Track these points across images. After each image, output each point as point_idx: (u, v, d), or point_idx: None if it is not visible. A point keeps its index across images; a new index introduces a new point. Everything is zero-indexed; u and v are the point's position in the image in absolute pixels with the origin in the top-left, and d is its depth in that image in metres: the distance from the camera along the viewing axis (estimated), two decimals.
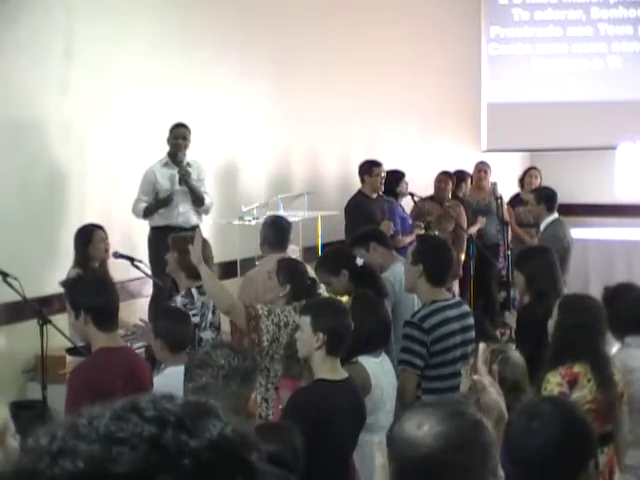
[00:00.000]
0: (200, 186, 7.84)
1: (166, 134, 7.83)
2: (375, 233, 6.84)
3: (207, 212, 7.98)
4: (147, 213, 7.68)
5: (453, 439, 1.94)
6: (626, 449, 4.53)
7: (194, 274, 5.61)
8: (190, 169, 7.76)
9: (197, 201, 7.79)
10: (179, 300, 5.80)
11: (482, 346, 2.76)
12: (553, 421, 2.55)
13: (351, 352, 4.56)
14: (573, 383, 4.34)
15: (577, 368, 4.36)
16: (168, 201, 7.66)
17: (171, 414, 1.11)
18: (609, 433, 4.35)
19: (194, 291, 5.82)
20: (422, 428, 1.94)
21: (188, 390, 2.94)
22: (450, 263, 5.37)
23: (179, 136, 7.72)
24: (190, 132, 7.79)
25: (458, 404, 2.13)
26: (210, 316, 5.85)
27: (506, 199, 10.76)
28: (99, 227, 6.89)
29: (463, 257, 9.87)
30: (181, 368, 4.71)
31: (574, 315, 4.51)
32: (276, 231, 6.58)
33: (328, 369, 4.13)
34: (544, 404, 2.66)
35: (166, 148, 7.78)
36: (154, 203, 7.66)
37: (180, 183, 7.68)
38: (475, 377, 2.68)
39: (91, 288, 4.47)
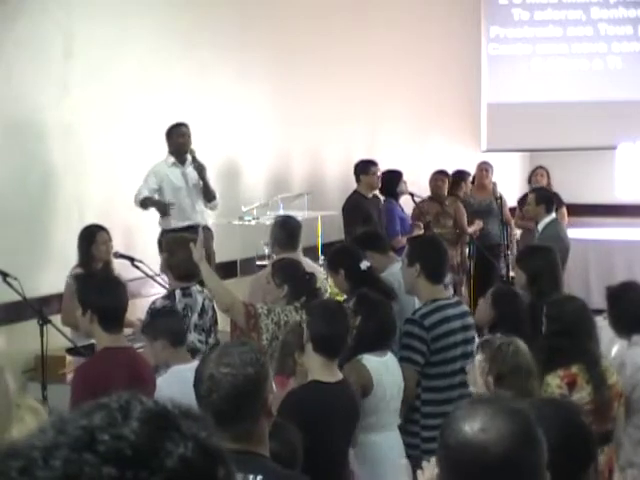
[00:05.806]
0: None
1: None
2: (367, 240, 6.56)
3: (215, 207, 7.97)
4: (143, 205, 7.60)
5: (522, 437, 1.94)
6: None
7: (182, 275, 5.59)
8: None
9: (209, 195, 7.80)
10: (158, 302, 5.65)
11: (478, 358, 2.77)
12: (554, 426, 2.50)
13: (353, 351, 4.57)
14: (572, 385, 4.34)
15: (574, 369, 4.36)
16: (166, 210, 7.56)
17: (127, 444, 1.06)
18: (609, 432, 4.35)
19: (177, 293, 5.66)
20: (488, 431, 1.93)
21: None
22: (445, 258, 5.34)
23: (184, 134, 7.72)
24: (189, 129, 7.80)
25: (508, 401, 2.12)
26: (195, 318, 5.65)
27: (506, 199, 10.76)
28: (102, 229, 6.83)
29: (461, 252, 9.90)
30: (186, 367, 4.60)
31: (556, 323, 4.50)
32: (286, 231, 6.54)
33: (319, 369, 4.14)
34: (544, 408, 2.61)
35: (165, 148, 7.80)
36: (154, 201, 7.60)
37: (200, 176, 7.65)
38: (472, 389, 2.69)
39: (100, 288, 4.49)
